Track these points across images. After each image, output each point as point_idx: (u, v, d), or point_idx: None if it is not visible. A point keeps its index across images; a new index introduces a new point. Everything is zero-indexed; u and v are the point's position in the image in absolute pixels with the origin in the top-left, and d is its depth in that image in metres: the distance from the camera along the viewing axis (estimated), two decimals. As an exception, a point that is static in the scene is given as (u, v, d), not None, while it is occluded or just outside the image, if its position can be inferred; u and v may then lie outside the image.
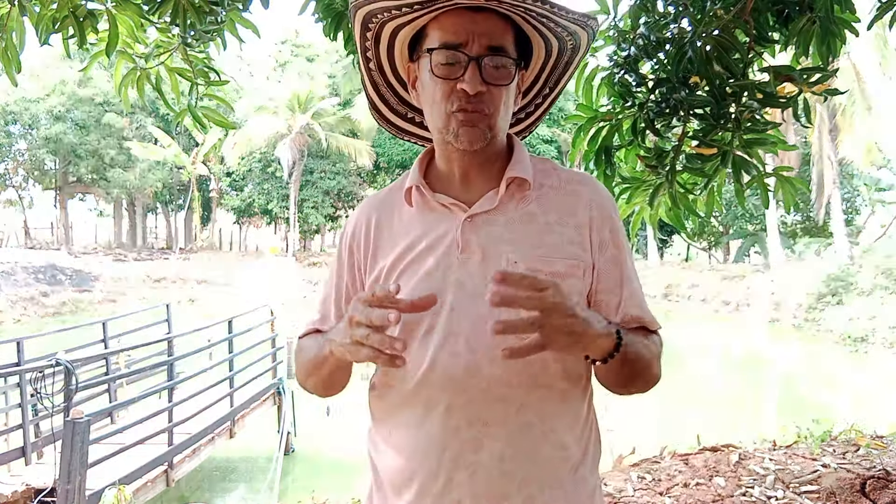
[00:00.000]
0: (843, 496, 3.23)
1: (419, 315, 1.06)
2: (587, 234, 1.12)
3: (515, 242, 1.09)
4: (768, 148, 2.25)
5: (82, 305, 24.10)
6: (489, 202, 1.12)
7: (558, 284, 0.93)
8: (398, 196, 1.20)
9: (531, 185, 1.13)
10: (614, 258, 1.13)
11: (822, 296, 19.78)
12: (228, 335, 8.60)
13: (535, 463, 1.08)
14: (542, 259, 1.09)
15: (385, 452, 1.17)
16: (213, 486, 8.47)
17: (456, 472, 1.07)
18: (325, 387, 1.23)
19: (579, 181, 1.18)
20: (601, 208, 1.15)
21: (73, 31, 2.29)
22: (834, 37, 2.16)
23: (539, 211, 1.12)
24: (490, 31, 1.06)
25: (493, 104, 1.07)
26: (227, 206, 34.51)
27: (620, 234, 1.16)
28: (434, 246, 1.12)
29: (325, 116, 30.12)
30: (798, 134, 21.48)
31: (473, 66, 1.05)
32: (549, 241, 1.10)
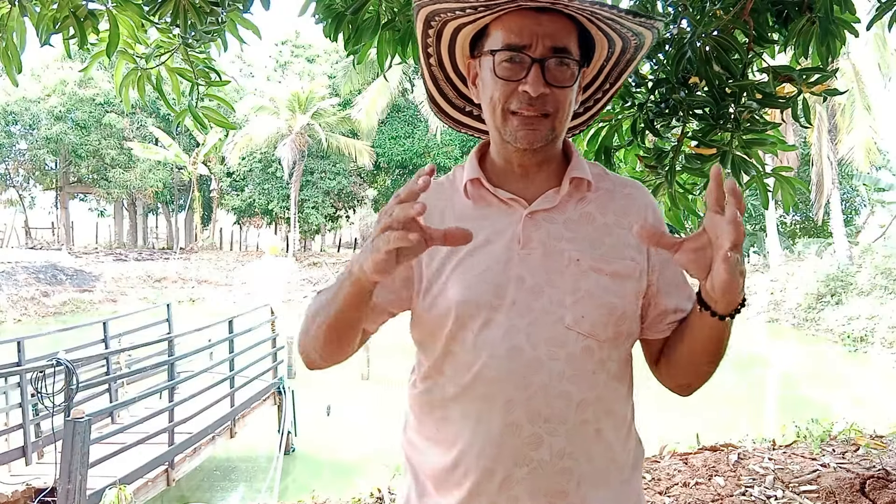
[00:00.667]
0: (842, 496, 3.23)
1: (476, 309, 1.07)
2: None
3: (575, 241, 1.10)
4: (768, 148, 2.26)
5: (83, 305, 24.10)
6: (549, 200, 1.12)
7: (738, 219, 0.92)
8: (450, 187, 1.19)
9: (593, 186, 1.15)
10: (668, 261, 1.14)
11: (821, 296, 19.78)
12: (229, 335, 8.60)
13: (591, 461, 1.09)
14: (603, 259, 1.10)
15: (429, 451, 1.15)
16: (213, 485, 8.48)
17: (515, 469, 1.06)
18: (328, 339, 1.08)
19: (632, 185, 1.20)
20: (654, 213, 1.18)
21: (74, 31, 2.30)
22: (833, 37, 2.17)
23: (597, 212, 1.14)
24: (554, 32, 1.05)
25: (556, 105, 1.07)
26: (228, 206, 34.51)
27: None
28: (493, 240, 1.11)
29: (325, 116, 30.13)
30: (797, 134, 21.48)
31: (536, 68, 1.04)
32: (608, 242, 1.11)
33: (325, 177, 31.89)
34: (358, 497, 4.09)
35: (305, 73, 34.75)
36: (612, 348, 1.10)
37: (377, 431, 10.28)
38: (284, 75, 36.14)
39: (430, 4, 1.08)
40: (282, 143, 28.97)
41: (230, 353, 8.52)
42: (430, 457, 1.14)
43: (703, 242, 0.95)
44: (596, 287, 1.08)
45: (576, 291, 1.07)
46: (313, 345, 1.12)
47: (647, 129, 2.28)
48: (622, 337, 1.11)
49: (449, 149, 30.40)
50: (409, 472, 1.19)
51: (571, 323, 1.06)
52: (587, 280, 1.08)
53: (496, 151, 1.17)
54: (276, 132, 29.37)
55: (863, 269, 19.30)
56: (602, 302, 1.08)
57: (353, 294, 0.98)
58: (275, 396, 9.71)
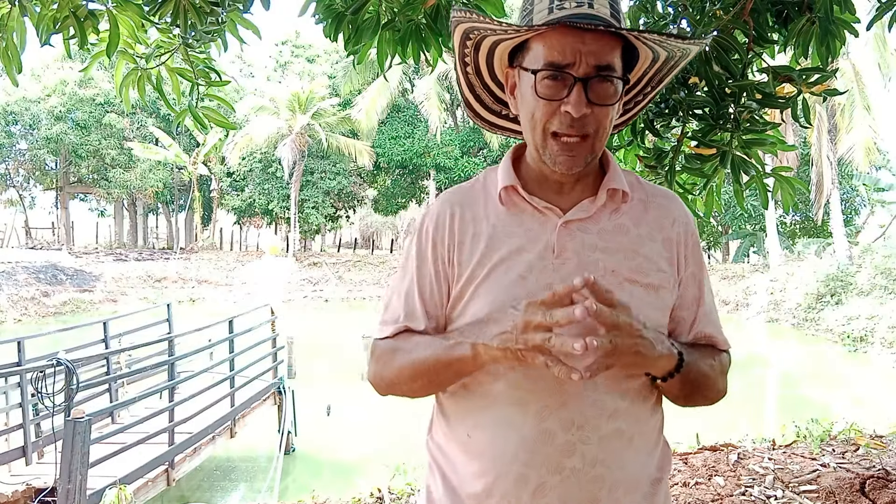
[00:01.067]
0: (842, 496, 3.23)
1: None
2: (674, 250, 1.15)
3: (610, 252, 1.11)
4: (767, 148, 2.26)
5: (83, 305, 24.10)
6: (584, 210, 1.12)
7: (628, 307, 0.97)
8: (482, 192, 1.18)
9: (630, 198, 1.15)
10: (694, 276, 1.17)
11: (821, 296, 19.78)
12: (229, 335, 8.60)
13: (623, 469, 1.09)
14: (637, 270, 1.11)
15: (458, 456, 1.14)
16: (213, 485, 8.48)
17: (548, 477, 1.06)
18: (431, 389, 1.17)
19: (664, 195, 1.20)
20: (686, 225, 1.18)
21: (74, 31, 2.30)
22: (833, 37, 2.17)
23: (631, 223, 1.14)
24: (599, 50, 1.01)
25: (597, 124, 1.05)
26: (228, 206, 34.51)
27: (698, 254, 1.19)
28: (526, 248, 1.11)
29: (325, 117, 30.13)
30: (797, 134, 21.49)
31: (579, 88, 1.01)
32: (643, 253, 1.12)
33: (325, 177, 31.90)
34: (358, 497, 4.09)
35: (305, 73, 34.76)
36: None
37: (377, 431, 10.28)
38: (284, 75, 36.15)
39: (468, 22, 1.07)
40: (282, 143, 28.98)
41: (230, 353, 8.51)
42: (460, 463, 1.14)
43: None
44: (630, 298, 1.06)
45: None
46: (413, 391, 1.18)
47: (647, 129, 2.28)
48: None
49: (449, 149, 30.40)
50: (436, 474, 1.19)
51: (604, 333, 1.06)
52: (622, 292, 1.06)
53: (533, 160, 1.15)
54: (276, 132, 29.37)
55: (863, 269, 19.29)
56: (636, 314, 1.05)
57: (475, 364, 1.05)
58: (275, 396, 9.71)
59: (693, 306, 1.17)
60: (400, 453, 5.50)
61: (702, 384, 1.12)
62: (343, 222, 36.96)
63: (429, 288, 1.17)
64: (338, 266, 30.51)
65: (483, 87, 1.24)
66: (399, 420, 10.71)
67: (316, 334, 18.64)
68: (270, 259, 30.67)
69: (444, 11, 2.34)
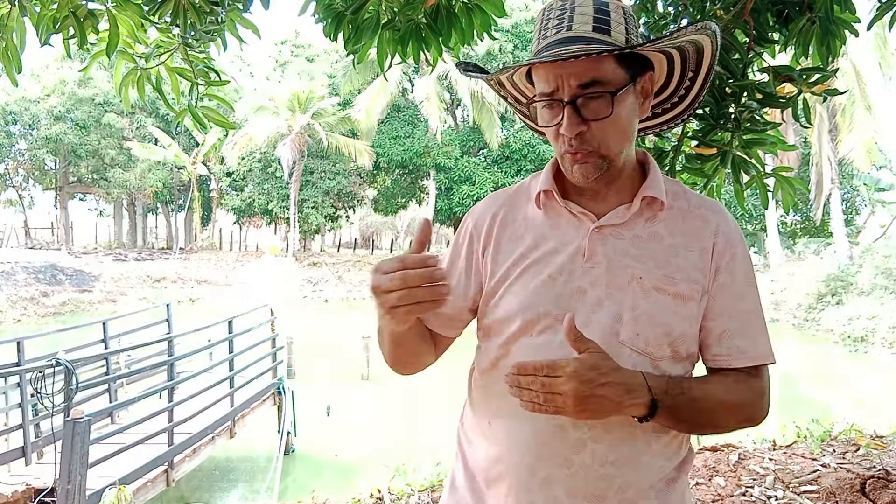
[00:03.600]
0: (842, 496, 3.23)
1: (537, 316, 1.12)
2: (708, 260, 1.13)
3: (641, 259, 1.11)
4: (768, 148, 2.26)
5: (82, 305, 24.10)
6: (619, 216, 1.13)
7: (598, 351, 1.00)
8: (524, 196, 1.23)
9: (666, 206, 1.15)
10: (725, 286, 1.13)
11: (821, 296, 19.78)
12: (228, 335, 8.60)
13: (637, 470, 1.10)
14: (667, 279, 1.10)
15: (480, 443, 1.19)
16: (213, 485, 8.48)
17: (556, 470, 1.09)
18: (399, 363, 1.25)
19: (708, 207, 1.18)
20: (726, 236, 1.15)
21: (74, 31, 2.30)
22: (833, 37, 2.17)
23: (666, 232, 1.14)
24: (580, 71, 1.05)
25: (599, 137, 1.08)
26: (228, 206, 34.52)
27: (740, 265, 1.15)
28: (558, 251, 1.14)
29: (325, 116, 30.13)
30: (798, 134, 21.49)
31: (568, 110, 1.06)
32: (674, 263, 1.12)
33: (325, 177, 31.90)
34: (358, 497, 4.08)
35: (305, 73, 34.75)
36: (668, 367, 1.11)
37: (377, 431, 10.29)
38: (284, 75, 36.16)
39: (476, 77, 1.20)
40: (281, 142, 28.98)
41: (230, 354, 8.51)
42: (480, 449, 1.19)
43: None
44: (656, 307, 1.09)
45: (635, 308, 1.09)
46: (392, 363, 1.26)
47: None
48: (680, 357, 1.12)
49: (449, 149, 30.40)
50: (460, 460, 1.25)
51: (626, 339, 1.09)
52: (648, 299, 1.09)
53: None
54: (276, 132, 29.37)
55: (863, 269, 19.30)
56: (660, 321, 1.09)
57: (391, 335, 1.15)
58: (274, 396, 9.70)
59: (721, 318, 1.13)
60: (400, 453, 5.50)
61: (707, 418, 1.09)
62: (343, 222, 36.97)
63: (455, 279, 1.24)
64: (338, 266, 30.52)
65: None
66: (399, 420, 10.72)
67: (316, 334, 18.64)
68: (270, 259, 30.68)
69: (444, 11, 2.34)
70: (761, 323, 1.15)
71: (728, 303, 1.13)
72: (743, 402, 1.12)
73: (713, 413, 1.09)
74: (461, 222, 1.29)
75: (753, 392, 1.13)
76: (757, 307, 1.16)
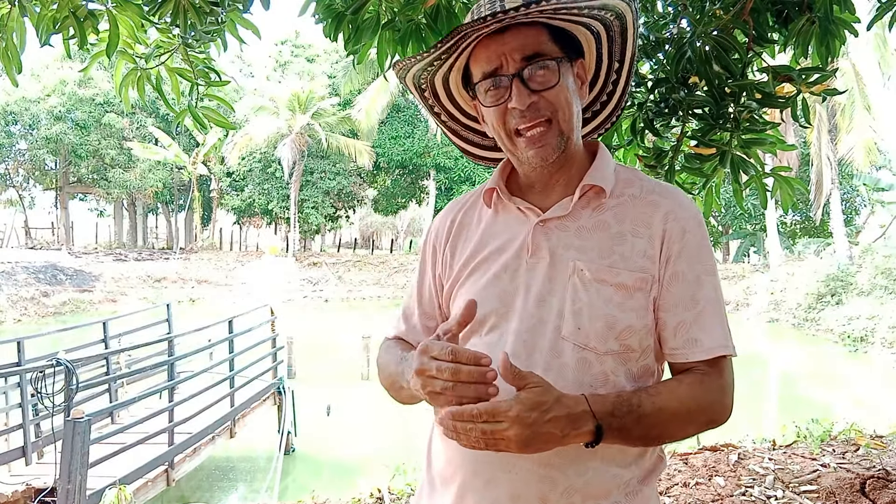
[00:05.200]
0: (842, 496, 3.23)
1: (484, 315, 1.10)
2: (658, 247, 1.08)
3: (585, 250, 1.09)
4: (767, 148, 2.26)
5: (83, 305, 24.10)
6: (562, 208, 1.12)
7: (539, 384, 0.94)
8: (479, 198, 1.23)
9: (608, 194, 1.11)
10: (678, 275, 1.08)
11: (821, 296, 19.78)
12: (229, 335, 8.60)
13: (582, 475, 1.06)
14: (610, 269, 1.07)
15: (438, 446, 1.20)
16: (213, 485, 8.48)
17: (497, 472, 1.08)
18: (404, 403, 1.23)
19: (661, 192, 1.13)
20: (679, 222, 1.09)
21: (74, 31, 2.30)
22: (833, 37, 2.17)
23: (613, 220, 1.10)
24: (520, 44, 1.05)
25: (552, 107, 1.07)
26: (228, 206, 34.52)
27: (694, 252, 1.09)
28: (505, 248, 1.14)
29: (325, 116, 30.14)
30: (797, 134, 21.49)
31: (516, 83, 1.05)
32: (619, 251, 1.08)
33: (325, 177, 31.90)
34: (358, 497, 4.09)
35: (305, 73, 34.75)
36: (619, 362, 1.07)
37: (377, 431, 10.28)
38: (284, 75, 36.14)
39: (406, 69, 1.14)
40: (282, 143, 28.98)
41: (230, 354, 8.52)
42: (438, 452, 1.19)
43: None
44: (597, 298, 1.06)
45: (575, 302, 1.07)
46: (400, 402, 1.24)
47: (647, 128, 2.28)
48: (632, 351, 1.08)
49: (449, 149, 30.40)
50: (425, 461, 1.25)
51: (567, 334, 1.06)
52: (589, 291, 1.06)
53: (517, 167, 1.19)
54: (276, 132, 29.38)
55: (863, 269, 19.30)
56: (602, 314, 1.06)
57: (416, 397, 1.09)
58: (275, 396, 9.71)
59: (676, 309, 1.08)
60: (400, 453, 5.50)
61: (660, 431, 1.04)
62: (343, 222, 36.98)
63: (427, 293, 1.26)
64: (338, 266, 30.52)
65: (466, 128, 1.30)
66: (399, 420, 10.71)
67: (316, 334, 18.64)
68: (270, 259, 30.68)
69: (445, 11, 2.34)
70: (719, 313, 1.09)
71: (682, 293, 1.08)
72: (700, 408, 1.06)
73: (667, 425, 1.04)
74: (426, 233, 1.30)
75: (711, 394, 1.08)
76: (714, 296, 1.09)
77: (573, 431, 0.96)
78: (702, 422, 1.07)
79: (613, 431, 0.98)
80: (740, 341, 5.69)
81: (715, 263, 1.12)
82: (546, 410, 0.93)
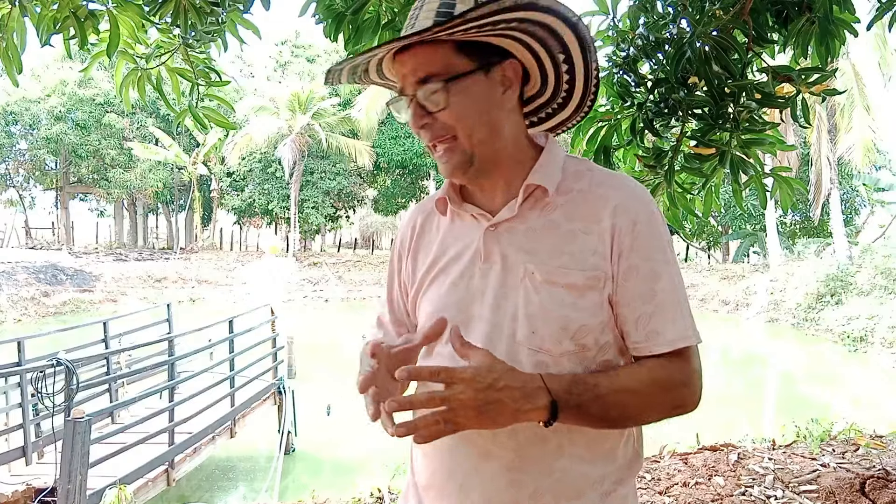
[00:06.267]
0: (842, 496, 3.23)
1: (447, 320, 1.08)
2: (609, 242, 1.05)
3: (535, 252, 1.06)
4: (766, 148, 2.26)
5: (83, 305, 24.10)
6: (510, 210, 1.09)
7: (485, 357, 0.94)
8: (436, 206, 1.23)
9: (551, 192, 1.08)
10: (633, 268, 1.05)
11: (821, 296, 19.78)
12: (229, 335, 8.61)
13: (550, 475, 1.06)
14: (560, 270, 1.05)
15: (417, 451, 1.21)
16: (213, 485, 8.48)
17: (468, 478, 1.08)
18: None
19: (610, 184, 1.09)
20: (629, 214, 1.06)
21: (74, 31, 2.30)
22: (833, 37, 2.17)
23: (563, 219, 1.07)
24: (415, 66, 1.04)
25: (448, 128, 1.05)
26: (228, 206, 34.51)
27: (647, 243, 1.05)
28: (461, 255, 1.13)
29: (325, 117, 30.13)
30: (797, 134, 21.48)
31: (412, 104, 1.06)
32: (569, 251, 1.05)
33: (325, 177, 31.90)
34: (358, 497, 4.09)
35: (305, 73, 34.75)
36: (575, 362, 1.05)
37: (377, 431, 10.26)
38: (284, 75, 36.15)
39: (335, 75, 1.12)
40: (282, 143, 28.98)
41: (230, 353, 8.52)
42: (418, 457, 1.20)
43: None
44: (549, 301, 1.04)
45: (528, 305, 1.05)
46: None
47: (647, 128, 2.28)
48: (588, 350, 1.05)
49: (449, 149, 30.35)
50: (410, 465, 1.26)
51: (522, 338, 1.05)
52: (540, 294, 1.05)
53: None
54: (276, 132, 29.37)
55: (862, 269, 19.29)
56: (555, 316, 1.04)
57: None
58: (275, 396, 9.71)
59: (635, 303, 1.05)
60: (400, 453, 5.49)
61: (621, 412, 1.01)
62: (343, 222, 36.96)
63: (396, 301, 1.28)
64: (338, 266, 30.51)
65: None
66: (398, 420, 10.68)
67: (316, 334, 18.65)
68: (270, 259, 30.67)
69: (444, 11, 2.34)
70: (680, 303, 1.06)
71: (639, 286, 1.05)
72: (663, 390, 1.03)
73: (627, 406, 1.02)
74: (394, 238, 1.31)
75: (674, 379, 1.04)
76: (673, 286, 1.06)
77: (527, 405, 0.93)
78: (666, 406, 1.04)
79: (571, 409, 0.96)
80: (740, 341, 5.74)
81: (671, 252, 1.09)
82: (498, 378, 0.92)
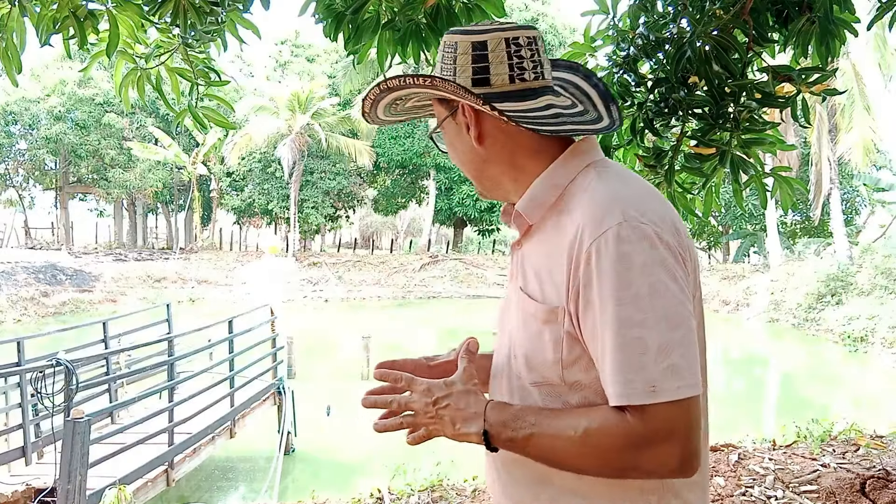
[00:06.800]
0: (842, 496, 3.23)
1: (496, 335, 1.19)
2: (567, 273, 0.94)
3: (525, 275, 1.06)
4: (767, 148, 2.26)
5: (83, 305, 24.09)
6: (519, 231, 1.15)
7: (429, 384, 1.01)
8: None
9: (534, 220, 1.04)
10: (590, 305, 0.91)
11: (821, 296, 19.77)
12: (229, 335, 8.60)
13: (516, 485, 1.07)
14: (527, 299, 1.02)
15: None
16: (213, 485, 8.48)
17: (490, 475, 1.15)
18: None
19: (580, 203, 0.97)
20: (584, 241, 0.92)
21: (74, 31, 2.30)
22: (833, 37, 2.17)
23: (541, 244, 1.03)
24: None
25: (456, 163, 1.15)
26: (228, 206, 34.51)
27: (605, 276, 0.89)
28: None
29: (325, 116, 30.12)
30: (797, 134, 21.48)
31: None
32: (537, 279, 1.01)
33: (325, 177, 31.90)
34: (358, 497, 4.09)
35: (305, 73, 34.75)
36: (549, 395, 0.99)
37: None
38: (284, 75, 36.15)
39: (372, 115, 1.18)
40: (282, 143, 28.97)
41: (230, 354, 8.52)
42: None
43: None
44: (522, 328, 1.04)
45: (513, 330, 1.08)
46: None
47: (647, 128, 2.28)
48: (555, 385, 0.98)
49: (449, 149, 30.34)
50: None
51: (511, 362, 1.08)
52: (519, 319, 1.06)
53: None
54: (276, 132, 29.36)
55: (863, 269, 19.29)
56: (524, 345, 1.03)
57: None
58: (275, 397, 9.71)
59: (594, 342, 0.92)
60: (400, 453, 5.49)
61: (559, 460, 0.94)
62: (343, 222, 36.97)
63: None
64: (338, 266, 30.51)
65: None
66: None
67: (316, 334, 18.65)
68: (270, 259, 30.67)
69: (444, 11, 2.34)
70: (640, 352, 0.87)
71: (595, 327, 0.91)
72: (611, 448, 0.89)
73: (561, 455, 0.93)
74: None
75: (614, 439, 0.89)
76: (632, 333, 0.87)
77: (463, 427, 0.98)
78: (615, 465, 0.90)
79: (503, 442, 0.96)
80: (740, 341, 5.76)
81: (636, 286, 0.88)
82: (447, 395, 0.99)
